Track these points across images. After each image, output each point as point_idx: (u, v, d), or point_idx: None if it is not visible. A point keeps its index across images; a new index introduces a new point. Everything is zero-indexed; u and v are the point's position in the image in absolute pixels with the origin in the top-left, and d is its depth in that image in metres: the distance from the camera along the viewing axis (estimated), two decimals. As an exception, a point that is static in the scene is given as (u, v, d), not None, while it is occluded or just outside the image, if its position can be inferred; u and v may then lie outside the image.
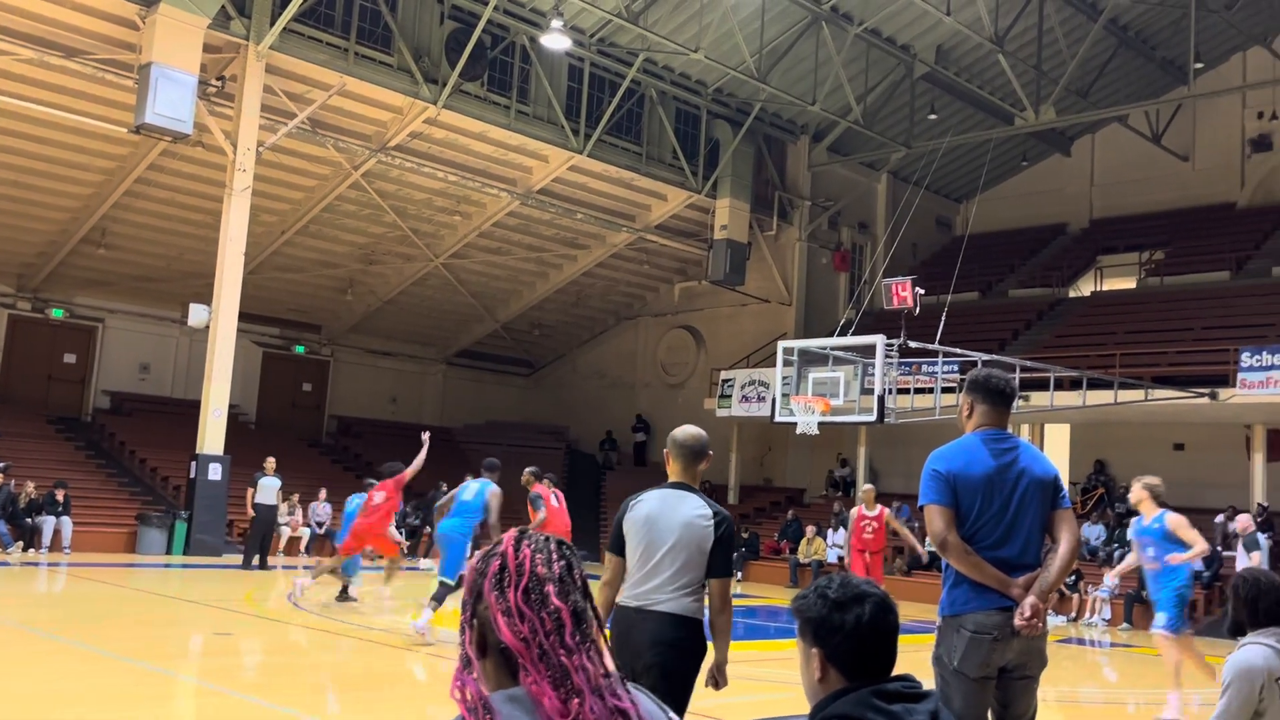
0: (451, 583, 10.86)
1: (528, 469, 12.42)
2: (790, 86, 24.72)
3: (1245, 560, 16.43)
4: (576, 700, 1.60)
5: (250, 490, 18.49)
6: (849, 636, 2.11)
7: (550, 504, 12.37)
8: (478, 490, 11.46)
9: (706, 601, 4.41)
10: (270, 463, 18.60)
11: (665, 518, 4.38)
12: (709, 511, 4.37)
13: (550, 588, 1.67)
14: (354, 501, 14.75)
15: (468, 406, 32.09)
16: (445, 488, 22.13)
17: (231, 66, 19.98)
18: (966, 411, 4.39)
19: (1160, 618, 8.60)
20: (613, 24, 22.54)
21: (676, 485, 4.50)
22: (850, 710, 2.06)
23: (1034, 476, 4.22)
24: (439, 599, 10.79)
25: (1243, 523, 16.79)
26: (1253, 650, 3.80)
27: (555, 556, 1.71)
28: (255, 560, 18.17)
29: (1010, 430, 4.40)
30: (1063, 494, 4.35)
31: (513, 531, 1.77)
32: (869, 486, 14.92)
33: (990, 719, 4.18)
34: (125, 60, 18.84)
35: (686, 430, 4.63)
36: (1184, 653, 8.67)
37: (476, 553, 1.80)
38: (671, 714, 1.76)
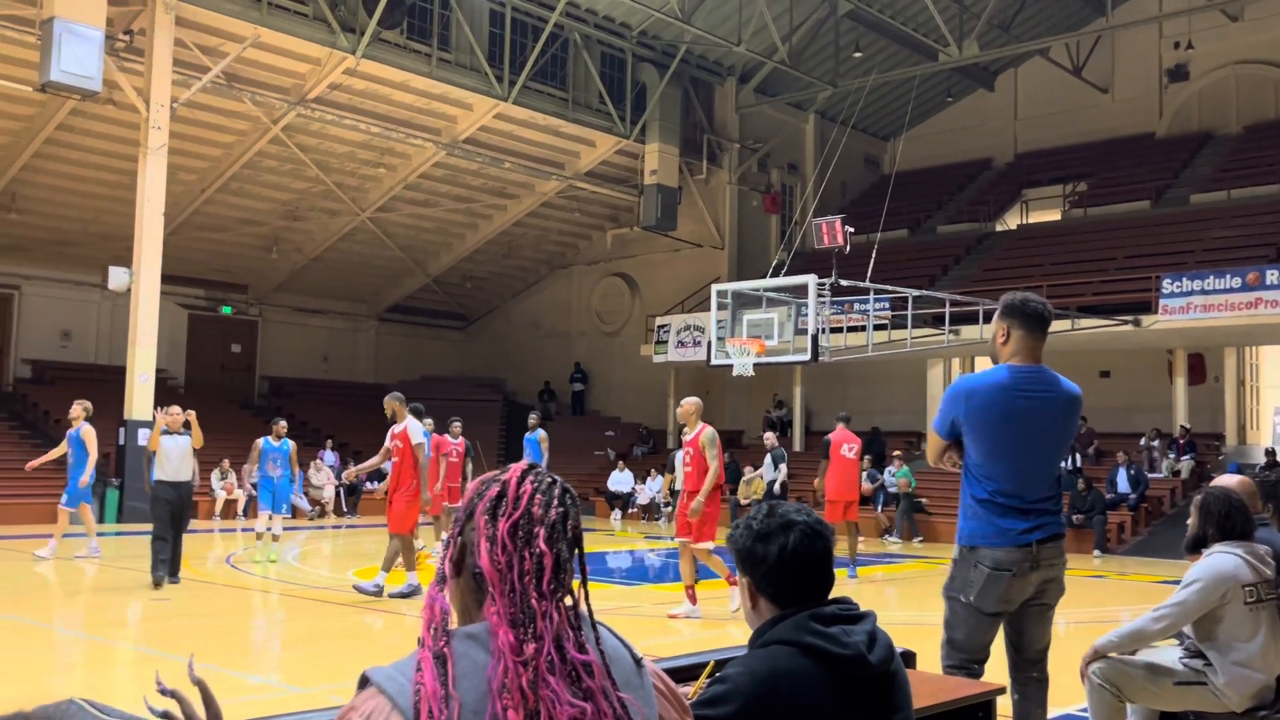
0: None
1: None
2: (715, 27, 24.53)
3: (772, 472, 19.91)
4: (534, 645, 1.56)
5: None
6: (775, 566, 2.14)
7: None
8: None
9: None
10: (175, 414, 11.56)
11: None
12: None
13: (540, 530, 1.63)
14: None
15: (402, 362, 31.76)
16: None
17: (139, 20, 19.30)
18: (1002, 338, 4.09)
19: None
20: (533, -33, 22.15)
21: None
22: (787, 635, 2.08)
23: (1048, 414, 4.03)
24: None
25: (769, 440, 19.01)
26: (1225, 557, 4.06)
27: (555, 502, 1.67)
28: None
29: (1042, 362, 4.13)
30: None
31: (523, 463, 1.73)
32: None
33: (1006, 647, 4.13)
34: (26, 15, 18.11)
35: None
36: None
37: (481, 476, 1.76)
38: (637, 652, 1.74)
